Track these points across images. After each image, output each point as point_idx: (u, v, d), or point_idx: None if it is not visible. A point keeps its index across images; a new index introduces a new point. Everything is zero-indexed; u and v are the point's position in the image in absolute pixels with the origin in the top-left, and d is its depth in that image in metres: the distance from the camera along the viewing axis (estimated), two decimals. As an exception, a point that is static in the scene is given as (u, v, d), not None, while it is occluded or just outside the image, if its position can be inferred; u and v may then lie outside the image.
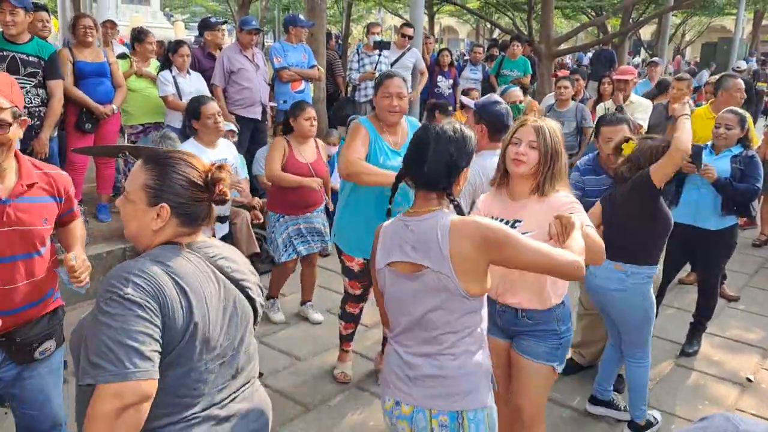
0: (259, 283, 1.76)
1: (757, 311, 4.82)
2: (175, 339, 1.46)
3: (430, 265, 1.86)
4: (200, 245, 1.62)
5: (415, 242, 1.90)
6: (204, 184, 1.61)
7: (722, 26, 28.75)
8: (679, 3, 12.55)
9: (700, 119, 4.88)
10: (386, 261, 1.97)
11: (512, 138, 2.35)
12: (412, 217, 1.93)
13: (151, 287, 1.43)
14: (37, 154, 4.30)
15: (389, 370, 2.02)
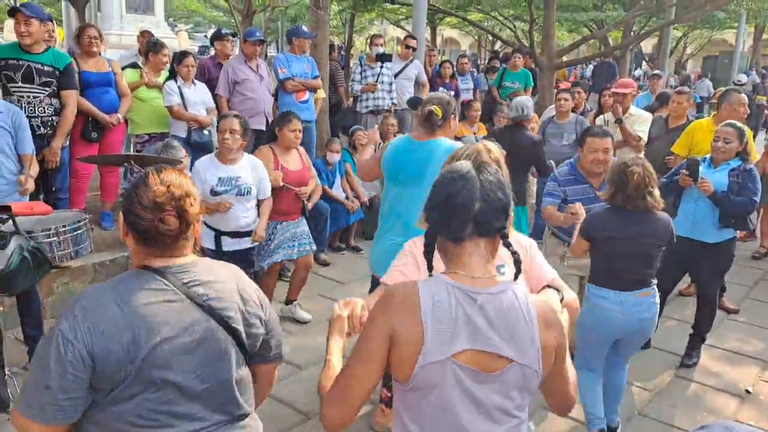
0: (255, 312, 1.66)
1: (757, 323, 4.83)
2: (118, 374, 1.45)
3: (516, 358, 1.41)
4: (176, 270, 1.57)
5: (488, 323, 1.40)
6: (150, 206, 1.54)
7: (723, 40, 28.84)
8: (680, 17, 12.63)
9: (703, 132, 4.91)
10: (450, 351, 1.37)
11: None
12: (473, 285, 1.42)
13: (86, 323, 1.44)
14: (48, 163, 4.35)
15: None
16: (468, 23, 16.84)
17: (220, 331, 1.58)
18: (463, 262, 1.45)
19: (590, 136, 3.65)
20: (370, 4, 14.46)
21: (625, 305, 3.00)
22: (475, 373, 1.40)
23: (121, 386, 1.46)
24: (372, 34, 8.53)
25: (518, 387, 1.45)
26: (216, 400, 1.59)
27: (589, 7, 15.30)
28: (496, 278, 1.47)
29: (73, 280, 4.45)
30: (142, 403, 1.48)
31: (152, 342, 1.46)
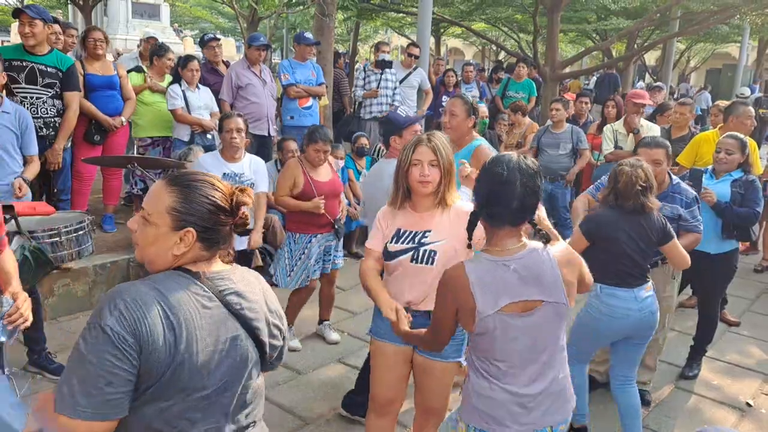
0: (278, 323, 1.68)
1: (758, 336, 4.82)
2: (155, 373, 1.41)
3: (545, 299, 1.95)
4: (213, 276, 1.54)
5: (521, 281, 1.93)
6: (229, 208, 1.55)
7: (727, 53, 28.91)
8: (684, 30, 12.67)
9: (708, 143, 4.92)
10: (497, 306, 1.92)
11: (412, 159, 2.44)
12: (506, 256, 1.95)
13: (133, 317, 1.38)
14: (50, 164, 4.36)
15: (500, 409, 2.00)
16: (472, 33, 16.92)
17: (249, 341, 1.57)
18: (499, 242, 1.97)
19: (641, 147, 3.52)
20: (374, 12, 14.53)
21: (641, 301, 3.03)
22: (515, 315, 1.94)
23: (152, 389, 1.42)
24: (378, 41, 8.56)
25: (552, 317, 1.98)
26: (233, 408, 1.57)
27: (592, 18, 15.36)
28: (525, 244, 1.98)
29: (74, 281, 4.45)
30: (167, 408, 1.44)
31: (189, 347, 1.43)
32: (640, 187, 2.96)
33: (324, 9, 7.37)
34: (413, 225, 2.52)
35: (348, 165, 6.28)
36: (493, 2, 13.07)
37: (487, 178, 1.96)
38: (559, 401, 2.05)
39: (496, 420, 2.01)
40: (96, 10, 13.21)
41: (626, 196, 2.99)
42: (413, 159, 2.45)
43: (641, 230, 3.03)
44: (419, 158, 2.45)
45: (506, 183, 1.91)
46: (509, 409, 2.00)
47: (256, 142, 5.93)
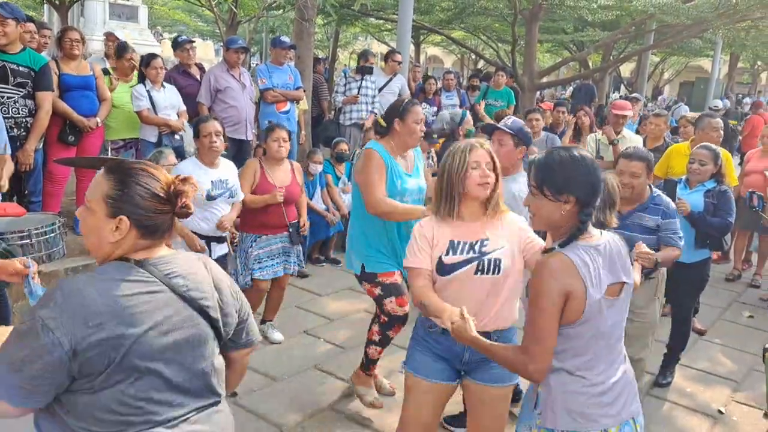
0: (229, 300, 1.70)
1: (729, 344, 4.89)
2: (100, 362, 1.43)
3: (626, 280, 2.02)
4: (156, 261, 1.57)
5: (608, 264, 1.97)
6: (166, 197, 1.58)
7: (699, 66, 29.53)
8: (659, 42, 12.91)
9: (679, 155, 5.02)
10: (603, 288, 1.92)
11: (470, 162, 2.35)
12: (593, 242, 1.97)
13: (68, 311, 1.41)
14: (21, 165, 4.25)
15: (589, 403, 1.96)
16: (451, 41, 17.03)
17: (200, 321, 1.60)
18: (588, 232, 1.98)
19: (622, 157, 3.42)
20: (354, 18, 14.56)
21: None
22: (611, 300, 1.96)
23: (103, 375, 1.45)
24: (364, 50, 8.58)
25: (627, 301, 2.05)
26: (195, 386, 1.61)
27: (570, 29, 15.58)
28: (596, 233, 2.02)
29: (45, 284, 4.33)
30: (125, 391, 1.48)
31: (137, 331, 1.46)
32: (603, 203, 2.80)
33: (304, 13, 7.35)
34: (467, 235, 2.37)
35: (327, 170, 6.26)
36: (472, 11, 13.17)
37: (592, 175, 1.96)
38: (633, 389, 2.06)
39: (587, 416, 1.95)
40: (72, 11, 13.03)
41: None
42: (471, 161, 2.35)
43: None
44: (477, 160, 2.35)
45: (600, 179, 1.98)
46: (598, 402, 1.96)
47: (234, 147, 5.88)
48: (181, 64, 6.16)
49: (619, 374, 2.01)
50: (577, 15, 12.02)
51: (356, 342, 4.42)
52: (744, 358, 4.67)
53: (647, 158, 3.39)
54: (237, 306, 1.74)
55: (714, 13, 10.09)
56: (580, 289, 1.87)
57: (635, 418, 2.03)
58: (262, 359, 4.12)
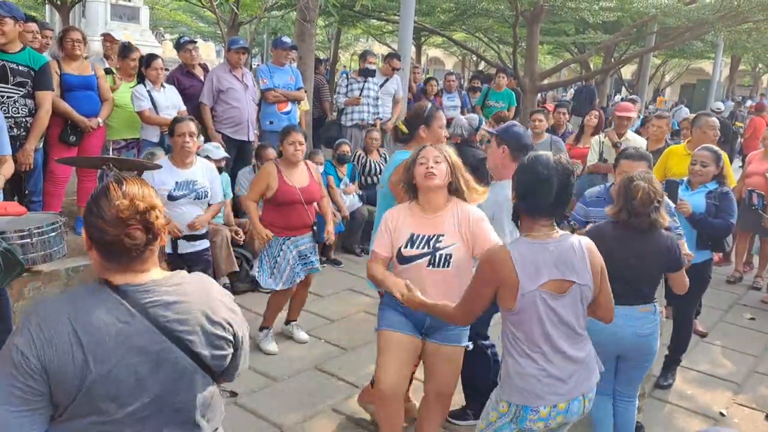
0: (220, 333, 1.59)
1: (730, 347, 4.88)
2: (69, 392, 1.42)
3: (577, 280, 2.17)
4: (138, 288, 1.50)
5: (556, 261, 2.15)
6: (114, 221, 1.48)
7: (701, 68, 29.52)
8: (660, 44, 12.90)
9: (677, 156, 5.02)
10: (538, 283, 2.13)
11: (417, 160, 2.69)
12: (546, 239, 2.18)
13: (41, 339, 1.41)
14: (20, 165, 4.24)
15: (540, 383, 2.19)
16: (453, 43, 17.04)
17: (179, 354, 1.52)
18: (538, 229, 2.19)
19: (624, 158, 3.41)
20: (356, 19, 14.57)
21: (625, 319, 2.88)
22: (553, 295, 2.15)
23: (71, 406, 1.43)
24: (365, 50, 8.59)
25: (581, 300, 2.21)
26: (171, 423, 1.54)
27: (571, 31, 15.58)
28: (558, 232, 2.21)
29: (45, 284, 4.35)
30: (93, 425, 1.45)
31: (102, 366, 1.42)
32: (657, 203, 2.85)
33: (305, 14, 7.35)
34: (425, 229, 2.69)
35: (328, 171, 6.26)
36: (473, 13, 13.18)
37: (528, 174, 2.18)
38: (587, 371, 2.27)
39: (536, 394, 2.20)
40: (74, 12, 13.04)
41: (640, 212, 2.86)
42: (419, 158, 2.68)
43: (641, 250, 2.91)
44: (425, 156, 2.68)
45: (545, 181, 2.13)
46: (547, 383, 2.19)
47: (236, 148, 5.88)
48: (184, 64, 6.17)
49: (573, 361, 2.23)
50: (579, 17, 12.03)
51: (357, 343, 4.42)
52: (745, 360, 4.66)
53: (648, 158, 3.42)
54: (229, 337, 1.62)
55: (715, 15, 10.08)
56: (511, 279, 2.13)
57: (585, 394, 2.27)
58: (263, 360, 4.11)
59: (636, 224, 2.89)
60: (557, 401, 2.21)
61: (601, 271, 2.28)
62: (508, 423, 2.26)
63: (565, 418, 2.26)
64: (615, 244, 2.89)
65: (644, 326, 2.95)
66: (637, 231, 2.91)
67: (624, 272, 2.86)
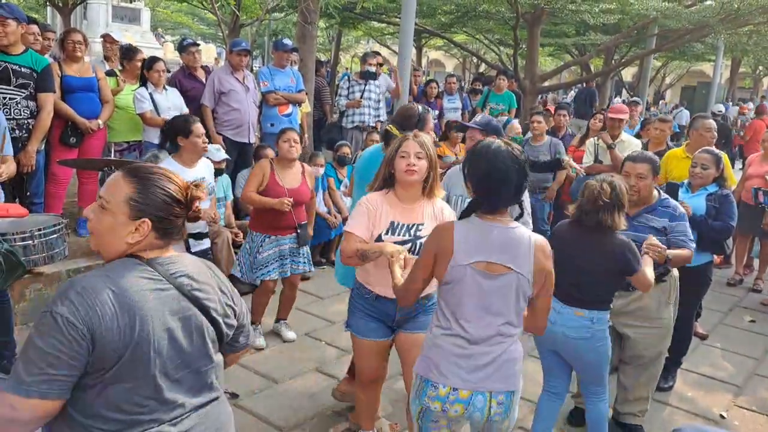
0: (230, 303, 1.75)
1: (731, 349, 4.88)
2: (113, 356, 1.47)
3: (514, 268, 2.17)
4: (163, 261, 1.62)
5: (500, 246, 2.17)
6: (183, 201, 1.64)
7: (701, 71, 29.53)
8: (660, 46, 12.91)
9: (676, 159, 5.03)
10: (471, 259, 2.16)
11: (399, 152, 2.68)
12: (495, 222, 2.20)
13: (84, 306, 1.45)
14: (23, 167, 4.25)
15: (446, 359, 2.21)
16: (453, 45, 17.05)
17: (203, 319, 1.64)
18: (492, 214, 2.20)
19: (627, 161, 3.44)
20: (357, 21, 14.58)
21: (558, 317, 2.92)
22: (484, 273, 2.17)
23: (112, 370, 1.48)
24: (365, 52, 8.60)
25: (516, 288, 2.18)
26: (196, 385, 1.66)
27: (572, 33, 15.59)
28: (511, 220, 2.22)
29: (47, 286, 4.36)
30: (132, 389, 1.51)
31: (145, 328, 1.50)
32: (601, 203, 2.84)
33: (306, 16, 7.36)
34: (405, 217, 2.74)
35: (329, 173, 6.27)
36: (474, 15, 13.18)
37: (484, 170, 2.18)
38: (503, 371, 2.21)
39: (440, 369, 2.21)
40: (75, 13, 13.07)
41: (587, 210, 2.89)
42: (401, 152, 2.68)
43: (591, 251, 2.91)
44: (406, 150, 2.67)
45: (503, 176, 2.15)
46: (454, 362, 2.19)
47: (237, 150, 5.89)
48: (186, 66, 6.18)
49: (489, 351, 2.20)
50: (579, 19, 12.03)
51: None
52: (745, 362, 4.66)
53: (652, 160, 3.41)
54: (237, 310, 1.78)
55: (715, 17, 10.09)
56: (446, 250, 2.18)
57: (493, 394, 2.20)
58: (264, 361, 4.12)
59: (585, 222, 2.92)
60: (459, 386, 2.19)
61: (547, 275, 2.23)
62: (413, 398, 2.33)
63: (466, 412, 2.20)
64: (566, 241, 2.97)
65: (575, 329, 2.94)
66: (589, 230, 2.92)
67: (571, 270, 2.88)
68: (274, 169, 4.22)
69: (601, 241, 2.92)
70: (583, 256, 2.93)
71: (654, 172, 3.38)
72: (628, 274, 2.95)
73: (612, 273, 2.95)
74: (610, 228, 2.89)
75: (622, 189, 2.91)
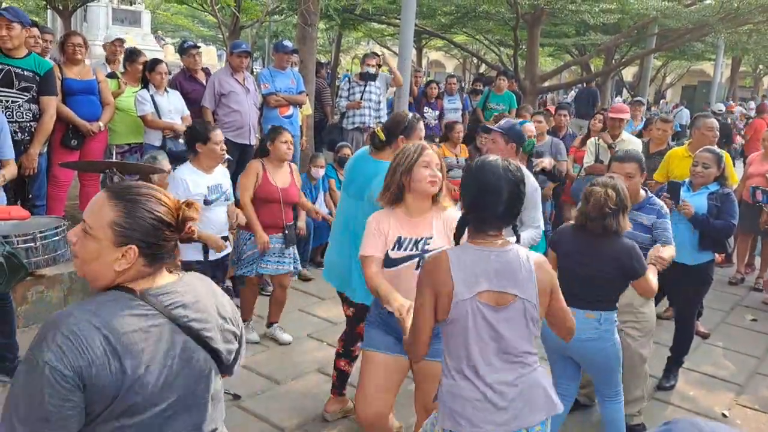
0: (230, 328, 1.65)
1: (733, 348, 4.88)
2: (105, 400, 1.40)
3: (519, 294, 2.00)
4: (156, 292, 1.51)
5: (501, 272, 2.00)
6: (174, 223, 1.53)
7: (702, 70, 29.51)
8: (660, 46, 12.91)
9: (678, 158, 5.04)
10: (475, 291, 1.99)
11: (421, 161, 2.55)
12: (490, 247, 2.04)
13: (74, 352, 1.35)
14: (25, 170, 4.27)
15: (473, 407, 2.00)
16: (453, 45, 17.06)
17: (201, 352, 1.56)
18: (484, 237, 2.05)
19: (614, 161, 3.49)
20: (357, 23, 14.59)
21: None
22: (492, 307, 1.99)
23: (106, 412, 1.41)
24: (365, 53, 8.62)
25: (524, 316, 2.02)
26: (194, 420, 1.57)
27: (572, 33, 15.59)
28: (507, 242, 2.06)
29: (48, 288, 4.37)
30: (126, 428, 1.44)
31: (137, 371, 1.42)
32: (608, 210, 2.84)
33: (307, 18, 7.37)
34: (412, 231, 2.61)
35: (330, 174, 6.27)
36: (474, 16, 13.19)
37: (476, 184, 2.05)
38: (533, 402, 2.06)
39: (470, 421, 2.01)
40: (76, 16, 13.09)
41: (593, 217, 2.89)
42: (422, 160, 2.55)
43: (597, 255, 2.92)
44: (427, 160, 2.55)
45: (494, 191, 2.00)
46: (481, 408, 2.01)
47: (237, 151, 5.89)
48: (187, 69, 6.20)
49: (513, 387, 2.02)
50: (579, 19, 12.04)
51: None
52: (747, 361, 4.66)
53: (639, 158, 3.44)
54: (238, 332, 1.70)
55: (715, 16, 10.09)
56: (446, 286, 1.99)
57: (529, 429, 2.04)
58: (266, 362, 4.12)
59: (591, 228, 2.92)
60: (490, 431, 2.00)
61: (552, 290, 2.10)
62: None
63: None
64: (572, 247, 2.98)
65: (585, 331, 2.91)
66: (595, 236, 2.93)
67: (578, 275, 2.91)
68: (267, 168, 4.26)
69: (606, 245, 2.92)
70: (590, 261, 2.93)
71: (641, 170, 3.41)
72: (633, 279, 2.96)
73: (618, 277, 2.96)
74: (616, 232, 2.90)
75: (625, 191, 2.92)
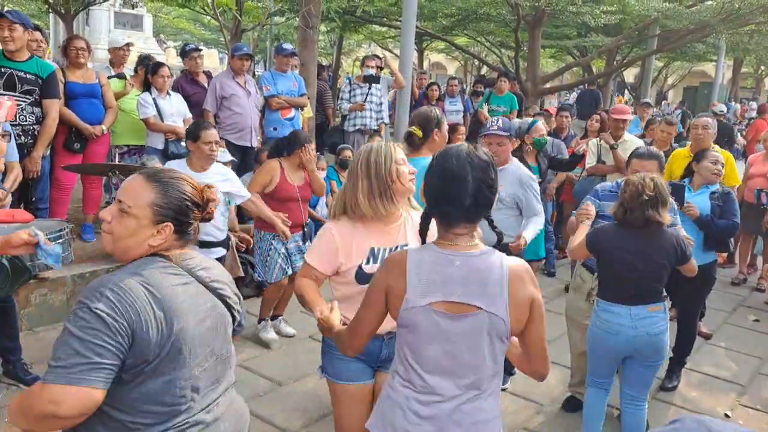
0: (235, 291, 1.82)
1: (735, 348, 4.88)
2: (153, 350, 1.50)
3: (483, 307, 1.72)
4: (181, 257, 1.68)
5: (463, 280, 1.73)
6: (201, 203, 1.71)
7: (703, 71, 29.50)
8: (661, 47, 12.91)
9: (680, 159, 5.05)
10: (427, 299, 1.73)
11: (397, 160, 2.29)
12: (455, 250, 1.76)
13: (122, 303, 1.47)
14: (28, 173, 4.28)
15: (405, 417, 1.79)
16: (455, 47, 17.08)
17: (223, 309, 1.74)
18: (452, 238, 1.78)
19: (635, 158, 3.50)
20: (358, 25, 14.62)
21: (636, 319, 2.93)
22: (447, 315, 1.73)
23: (152, 364, 1.52)
24: (365, 55, 8.64)
25: (489, 334, 1.74)
26: (221, 372, 1.74)
27: (573, 34, 15.61)
28: (479, 245, 1.79)
29: (52, 291, 4.38)
30: (172, 381, 1.55)
31: (180, 322, 1.55)
32: (646, 197, 2.83)
33: (308, 20, 7.39)
34: (386, 240, 2.33)
35: (331, 176, 6.28)
36: (475, 17, 13.21)
37: (437, 174, 1.76)
38: (469, 420, 1.77)
39: (395, 428, 1.80)
40: (78, 20, 13.12)
41: (632, 207, 2.87)
42: (398, 158, 2.29)
43: (645, 249, 2.92)
44: (403, 157, 2.32)
45: (457, 179, 1.72)
46: (414, 421, 1.78)
47: (239, 154, 5.91)
48: (188, 71, 6.21)
49: (464, 407, 1.77)
50: (581, 20, 12.06)
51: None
52: (749, 361, 4.66)
53: (659, 156, 3.48)
54: (238, 297, 1.87)
55: (716, 17, 10.11)
56: (398, 286, 1.76)
57: None
58: (268, 364, 4.13)
59: (631, 221, 2.91)
60: None
61: (532, 307, 1.76)
62: None
63: None
64: (618, 244, 2.96)
65: (655, 324, 2.97)
66: (638, 230, 2.92)
67: (630, 272, 2.92)
68: (284, 168, 4.32)
69: (653, 238, 2.94)
70: (638, 257, 2.93)
71: (661, 169, 3.44)
72: (683, 264, 3.04)
73: (668, 266, 3.00)
74: (659, 223, 2.90)
75: (663, 184, 2.92)
